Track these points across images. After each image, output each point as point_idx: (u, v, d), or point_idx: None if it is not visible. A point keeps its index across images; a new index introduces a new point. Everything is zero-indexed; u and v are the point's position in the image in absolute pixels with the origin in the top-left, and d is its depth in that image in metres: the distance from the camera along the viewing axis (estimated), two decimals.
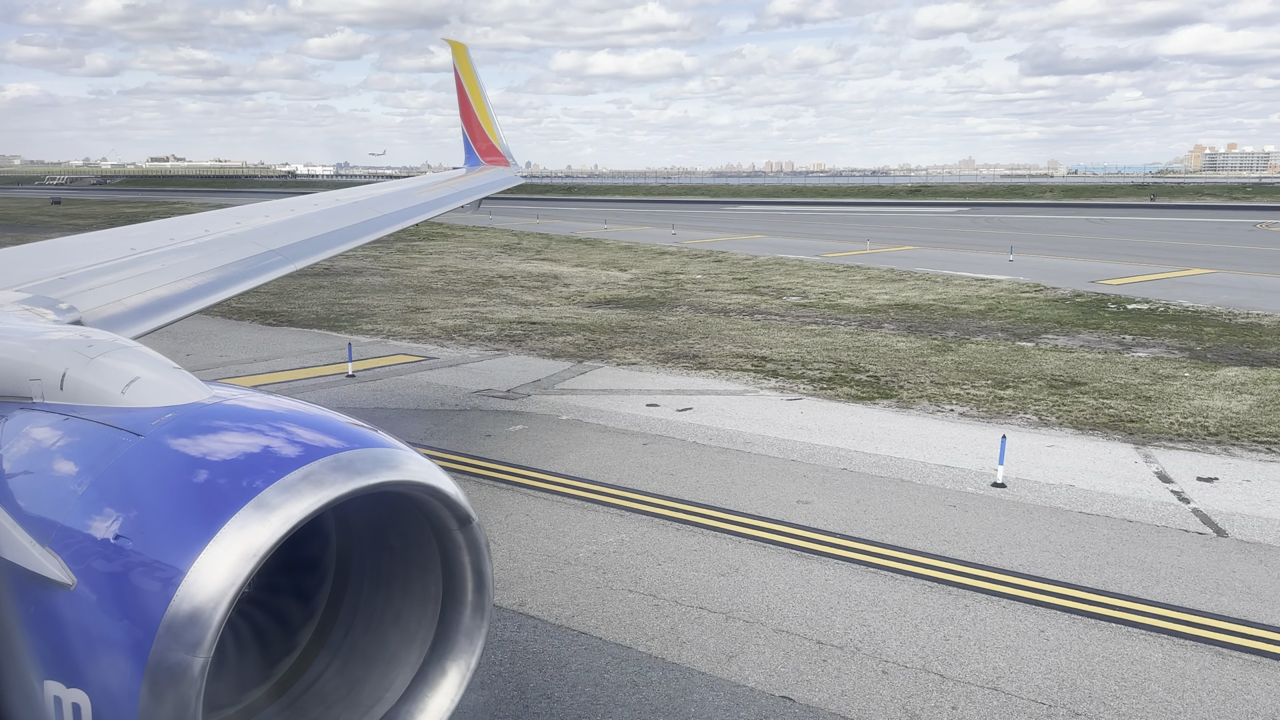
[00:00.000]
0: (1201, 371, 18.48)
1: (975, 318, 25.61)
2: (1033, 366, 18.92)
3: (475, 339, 21.80)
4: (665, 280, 34.29)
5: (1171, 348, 21.24)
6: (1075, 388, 17.16)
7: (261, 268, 6.98)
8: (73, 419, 2.83)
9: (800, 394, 16.77)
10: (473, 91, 18.55)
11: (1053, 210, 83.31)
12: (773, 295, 30.35)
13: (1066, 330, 23.60)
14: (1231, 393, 16.64)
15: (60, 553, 2.46)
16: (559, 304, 28.43)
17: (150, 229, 7.53)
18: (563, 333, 22.75)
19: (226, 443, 2.57)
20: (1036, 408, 15.74)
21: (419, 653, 2.95)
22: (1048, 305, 27.63)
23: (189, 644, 2.26)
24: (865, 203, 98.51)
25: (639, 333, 22.92)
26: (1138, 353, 20.65)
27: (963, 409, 15.74)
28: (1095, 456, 13.12)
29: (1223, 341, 21.94)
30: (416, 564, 2.91)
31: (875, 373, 18.46)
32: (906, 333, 23.15)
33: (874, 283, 33.14)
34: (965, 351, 20.63)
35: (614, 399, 16.20)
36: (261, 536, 2.31)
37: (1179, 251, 44.40)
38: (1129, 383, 17.51)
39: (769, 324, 24.44)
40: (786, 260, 40.80)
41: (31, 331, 3.53)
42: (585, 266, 39.04)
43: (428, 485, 2.62)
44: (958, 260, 40.10)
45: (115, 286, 5.40)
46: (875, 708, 6.86)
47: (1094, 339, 22.44)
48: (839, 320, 25.16)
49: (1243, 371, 18.46)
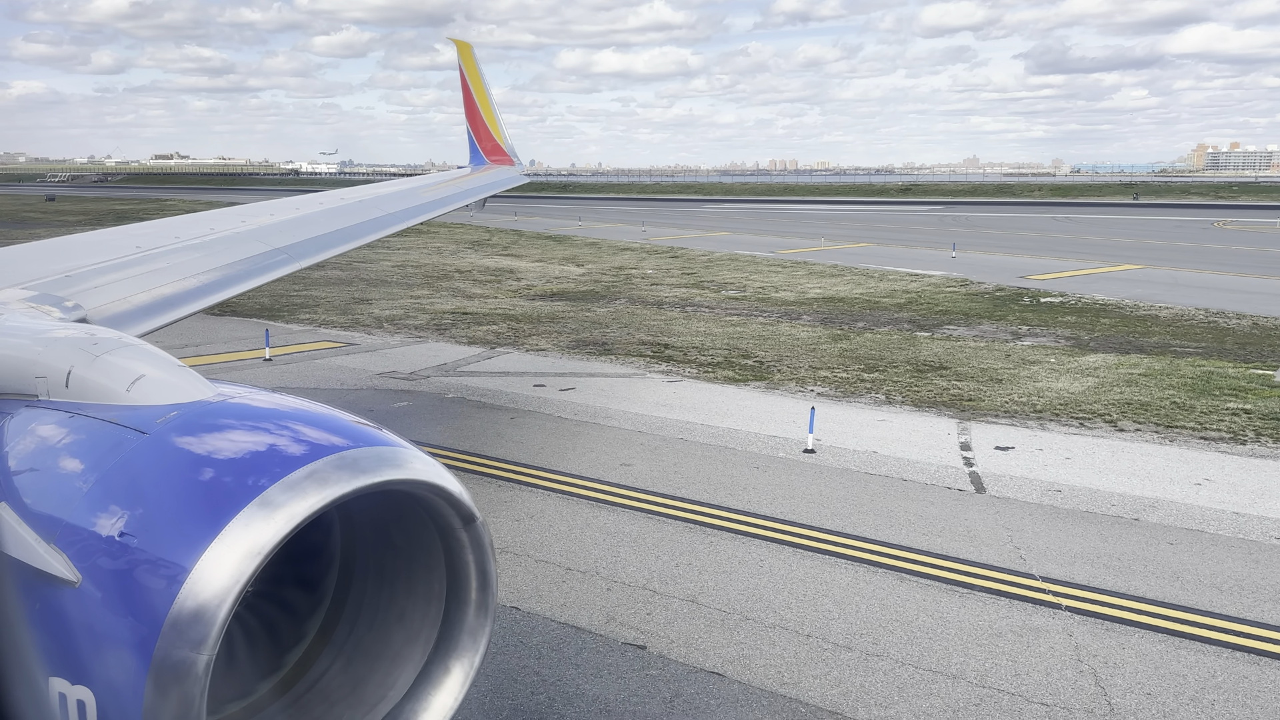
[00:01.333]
0: (1067, 358, 19.94)
1: (891, 310, 27.04)
2: (912, 354, 20.39)
3: (404, 328, 23.37)
4: (616, 275, 35.76)
5: (1059, 337, 22.67)
6: (938, 371, 18.64)
7: (266, 266, 7.03)
8: (78, 416, 2.85)
9: (683, 377, 18.29)
10: (478, 91, 18.82)
11: (1027, 209, 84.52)
12: (713, 289, 31.81)
13: (970, 322, 25.02)
14: (1080, 376, 18.10)
15: (65, 550, 2.48)
16: (503, 296, 29.96)
17: (155, 227, 7.51)
18: (490, 322, 24.31)
19: (231, 441, 2.58)
20: (890, 388, 17.23)
21: (423, 651, 2.96)
22: (965, 299, 29.04)
23: (193, 641, 2.27)
24: (850, 201, 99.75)
25: (563, 323, 24.47)
26: (1024, 342, 22.08)
27: (822, 389, 17.23)
28: (915, 429, 14.62)
29: (1112, 332, 23.36)
30: (421, 562, 2.92)
31: (762, 358, 19.95)
32: (820, 324, 24.59)
33: (813, 278, 34.59)
34: (859, 340, 22.09)
35: (506, 380, 17.77)
36: (266, 534, 2.32)
37: (1121, 248, 45.76)
38: (991, 367, 18.98)
39: (694, 316, 25.91)
40: (740, 256, 42.25)
41: (37, 329, 3.56)
42: (544, 262, 40.55)
43: (432, 484, 2.64)
44: (903, 256, 41.52)
45: (120, 284, 5.45)
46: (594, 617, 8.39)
47: (991, 329, 23.87)
48: (763, 312, 26.62)
49: (1105, 358, 19.91)
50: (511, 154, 19.11)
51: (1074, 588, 8.97)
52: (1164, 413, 15.37)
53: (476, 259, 41.37)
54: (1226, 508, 11.11)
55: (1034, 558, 9.66)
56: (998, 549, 9.89)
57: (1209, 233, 55.16)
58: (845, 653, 7.71)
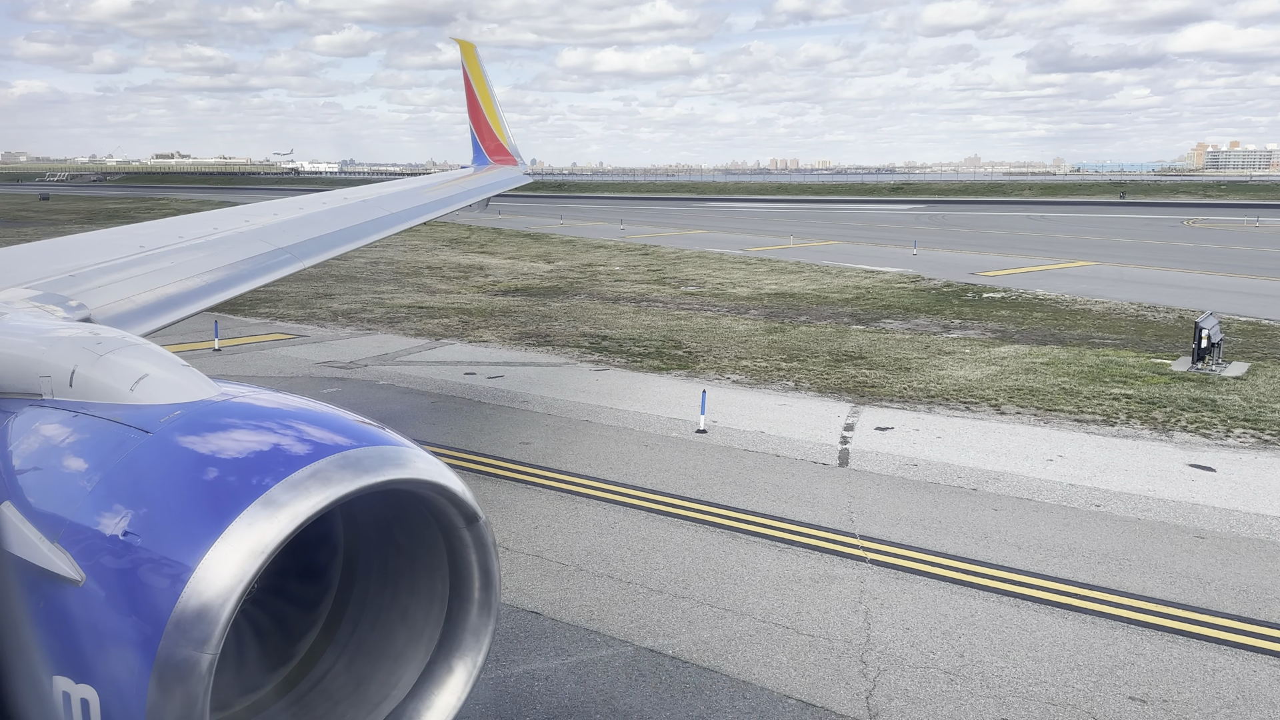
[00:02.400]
0: (982, 349, 20.93)
1: (837, 305, 28.04)
2: (837, 345, 21.39)
3: (357, 321, 24.43)
4: (582, 272, 36.79)
5: (986, 330, 23.66)
6: (854, 361, 19.64)
7: (270, 265, 7.05)
8: (82, 416, 2.86)
9: (611, 366, 19.31)
10: (481, 91, 18.89)
11: (1008, 208, 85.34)
12: (673, 285, 32.82)
13: (908, 316, 26.01)
14: (984, 365, 19.10)
15: (69, 549, 2.48)
16: (466, 292, 31.00)
17: (159, 227, 7.53)
18: (443, 316, 25.37)
19: (234, 440, 2.59)
20: (801, 376, 18.23)
21: (426, 650, 2.97)
22: (910, 294, 30.03)
23: (197, 640, 2.28)
24: (838, 200, 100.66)
25: (514, 316, 25.52)
26: (951, 334, 23.08)
27: (738, 377, 18.25)
28: (810, 412, 15.63)
29: (1040, 325, 24.34)
30: (424, 562, 2.93)
31: (693, 349, 20.97)
32: (764, 318, 25.59)
33: (773, 274, 35.61)
34: (793, 333, 23.11)
35: (440, 369, 18.81)
36: (269, 534, 2.33)
37: (1082, 245, 46.70)
38: (906, 357, 19.99)
39: (645, 310, 26.93)
40: (709, 254, 43.25)
41: (41, 328, 3.58)
42: (516, 259, 41.60)
43: (435, 483, 2.65)
44: (866, 254, 42.51)
45: (124, 284, 5.46)
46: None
47: (925, 323, 24.86)
48: (713, 307, 27.63)
49: (1018, 349, 20.90)
50: (514, 153, 19.31)
51: (887, 544, 10.00)
52: (1049, 397, 16.37)
53: (450, 256, 42.42)
54: (1064, 480, 12.12)
55: (862, 520, 10.69)
56: (832, 513, 10.92)
57: (1176, 231, 56.06)
58: (656, 596, 8.75)
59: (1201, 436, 14.11)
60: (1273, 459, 13.02)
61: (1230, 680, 7.34)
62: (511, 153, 19.13)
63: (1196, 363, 18.47)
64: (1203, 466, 12.70)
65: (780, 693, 7.11)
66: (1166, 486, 11.87)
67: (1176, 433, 14.32)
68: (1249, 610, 8.49)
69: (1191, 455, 13.20)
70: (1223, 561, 9.57)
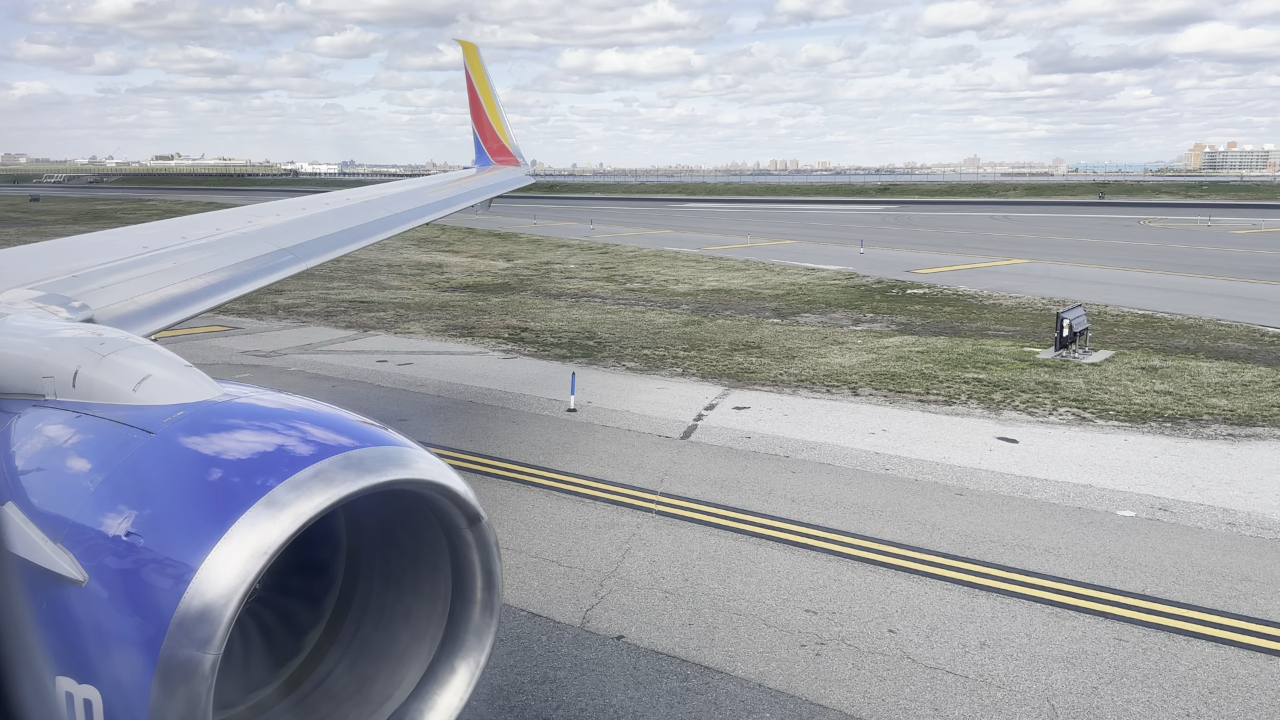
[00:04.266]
0: (873, 340, 22.32)
1: (766, 300, 29.42)
2: (743, 337, 22.78)
3: (295, 315, 25.88)
4: (537, 270, 38.22)
5: (892, 323, 25.04)
6: (748, 350, 21.04)
7: (273, 266, 7.08)
8: (85, 416, 2.87)
9: (520, 355, 20.74)
10: (483, 91, 19.10)
11: (978, 208, 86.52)
12: (619, 282, 34.22)
13: (826, 310, 27.38)
14: (864, 354, 20.48)
15: (72, 549, 2.49)
16: (416, 288, 32.44)
17: (162, 228, 7.57)
18: (380, 310, 26.82)
19: (237, 440, 2.61)
20: (692, 363, 19.63)
21: (428, 650, 2.98)
22: (838, 290, 31.40)
23: (200, 641, 2.30)
24: (818, 201, 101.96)
25: (450, 310, 26.95)
26: (857, 327, 24.46)
27: (634, 364, 19.67)
28: (682, 394, 17.04)
29: (944, 319, 25.70)
30: (426, 562, 2.95)
31: (604, 339, 22.39)
32: (692, 312, 26.97)
33: (718, 271, 37.00)
34: (708, 326, 24.50)
35: (356, 357, 20.27)
36: (272, 534, 2.35)
37: (1025, 244, 48.00)
38: (797, 347, 21.39)
39: (579, 305, 28.34)
40: (665, 252, 44.65)
41: (44, 329, 3.59)
42: (477, 258, 43.06)
43: (437, 484, 2.68)
44: (816, 252, 43.89)
45: (127, 285, 5.49)
46: None
47: (839, 316, 26.24)
48: (647, 302, 29.01)
49: (906, 339, 22.29)
50: (516, 154, 19.55)
51: (681, 499, 11.42)
52: (906, 381, 17.77)
53: (414, 255, 43.86)
54: (872, 450, 13.52)
55: (670, 481, 12.12)
56: (647, 475, 12.34)
57: (1129, 230, 57.33)
58: None
59: (1027, 414, 15.51)
60: (1076, 433, 14.41)
61: (895, 596, 8.75)
62: (514, 153, 19.46)
63: (1059, 351, 19.85)
64: (1008, 439, 14.11)
65: (519, 607, 8.54)
66: (962, 455, 13.27)
67: (1005, 411, 15.72)
68: (960, 549, 9.90)
69: (1005, 430, 14.61)
70: (962, 513, 10.99)
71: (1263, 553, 9.78)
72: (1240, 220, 64.19)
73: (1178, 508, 11.12)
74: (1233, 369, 18.57)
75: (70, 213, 74.76)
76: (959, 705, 6.95)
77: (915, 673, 7.40)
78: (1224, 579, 9.13)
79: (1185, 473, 12.43)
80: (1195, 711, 6.89)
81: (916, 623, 8.22)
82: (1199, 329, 23.61)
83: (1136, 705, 6.95)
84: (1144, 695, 7.08)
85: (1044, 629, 8.12)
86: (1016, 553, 9.80)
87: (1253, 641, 7.90)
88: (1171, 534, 10.31)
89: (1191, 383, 17.39)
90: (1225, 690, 7.16)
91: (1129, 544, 10.02)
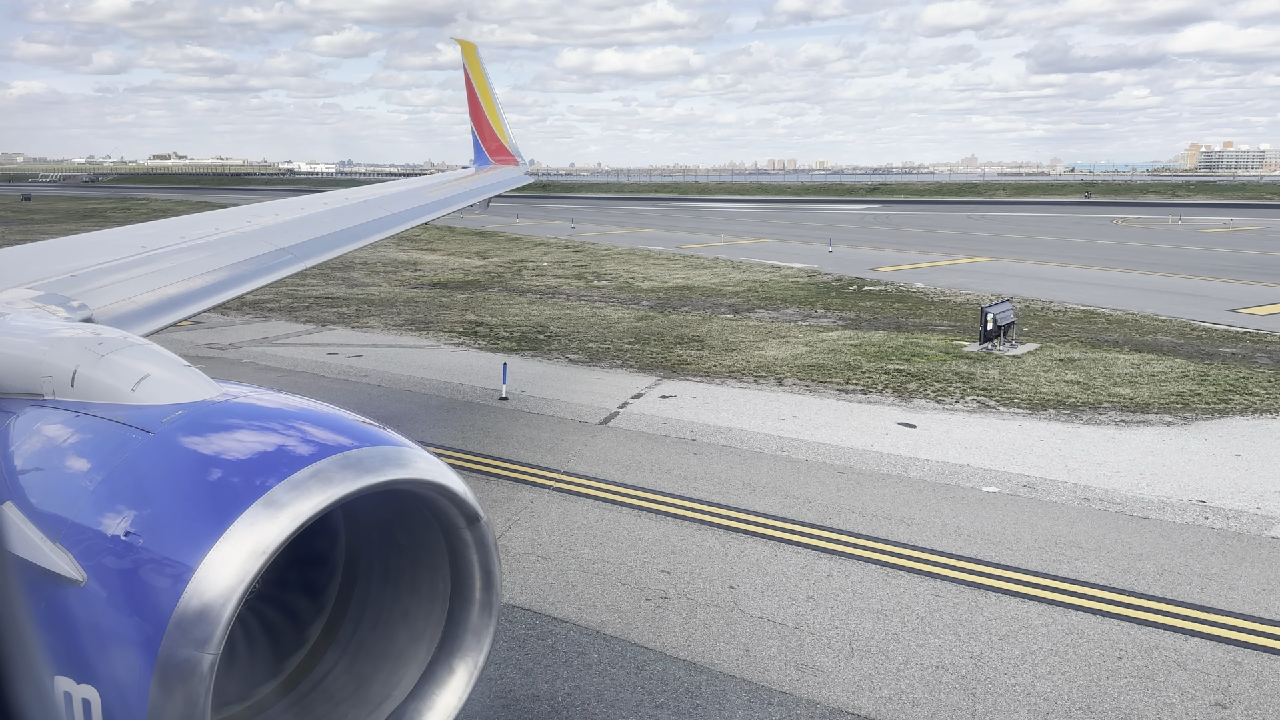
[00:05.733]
0: (814, 334, 23.11)
1: (726, 297, 30.19)
2: (690, 331, 23.58)
3: (260, 310, 26.68)
4: (510, 267, 39.01)
5: (839, 318, 25.81)
6: (690, 343, 21.83)
7: (271, 266, 7.11)
8: (83, 416, 2.88)
9: (469, 348, 21.55)
10: (482, 91, 19.13)
11: (959, 207, 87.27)
12: (587, 280, 35.01)
13: (780, 306, 28.15)
14: (799, 347, 21.28)
15: (71, 549, 2.51)
16: (386, 285, 33.25)
17: (161, 227, 7.59)
18: (343, 305, 27.63)
19: (236, 440, 2.63)
20: (633, 355, 20.41)
21: (427, 650, 3.00)
22: (797, 288, 32.18)
23: (198, 640, 2.31)
24: (804, 200, 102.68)
25: (411, 306, 27.76)
26: (806, 322, 25.23)
27: (577, 356, 20.47)
28: (616, 385, 17.84)
29: (890, 314, 26.46)
30: (425, 562, 2.96)
31: (555, 334, 23.18)
32: (650, 308, 27.74)
33: (685, 269, 37.79)
34: (661, 321, 25.30)
35: (309, 350, 21.09)
36: (271, 534, 2.37)
37: (992, 243, 48.73)
38: (738, 340, 22.19)
39: (541, 301, 29.13)
40: (639, 251, 45.42)
41: (43, 329, 3.61)
42: (453, 256, 43.84)
43: (436, 483, 2.71)
44: (787, 250, 44.68)
45: (126, 284, 5.50)
46: None
47: (791, 312, 27.02)
48: (609, 299, 29.77)
49: (844, 334, 23.07)
50: (515, 154, 19.65)
51: (581, 477, 12.24)
52: (830, 372, 18.57)
53: (389, 252, 44.63)
54: (776, 434, 14.33)
55: (578, 462, 12.93)
56: (557, 457, 13.16)
57: (1100, 229, 58.09)
58: None
59: (935, 402, 16.32)
60: (975, 419, 15.23)
61: (745, 558, 9.57)
62: (513, 153, 19.62)
63: (984, 344, 20.67)
64: (907, 424, 14.93)
65: None
66: (859, 438, 14.09)
67: (916, 399, 16.54)
68: (822, 519, 10.73)
69: (908, 416, 15.43)
70: (838, 489, 11.81)
71: (1103, 524, 10.60)
72: (1212, 220, 64.97)
73: (1042, 485, 11.94)
74: (1148, 361, 19.38)
75: (60, 211, 75.62)
76: (767, 647, 7.78)
77: (740, 621, 8.23)
78: (1056, 546, 9.95)
79: (1063, 454, 13.24)
80: (980, 655, 7.71)
81: (756, 580, 9.05)
82: (1134, 323, 24.43)
83: (929, 649, 7.77)
84: (939, 640, 7.91)
85: (870, 586, 8.95)
86: (873, 522, 10.62)
87: (1056, 598, 8.73)
88: (1025, 508, 11.14)
89: (1103, 374, 18.20)
90: (1015, 637, 7.99)
91: (980, 516, 10.85)
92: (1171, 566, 9.43)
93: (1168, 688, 7.19)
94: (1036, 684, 7.24)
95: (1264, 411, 15.56)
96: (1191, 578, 9.18)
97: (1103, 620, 8.27)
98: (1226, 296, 28.83)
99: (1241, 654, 7.71)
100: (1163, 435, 14.29)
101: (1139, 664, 7.53)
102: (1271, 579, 9.14)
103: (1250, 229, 57.35)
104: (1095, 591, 8.84)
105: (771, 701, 6.98)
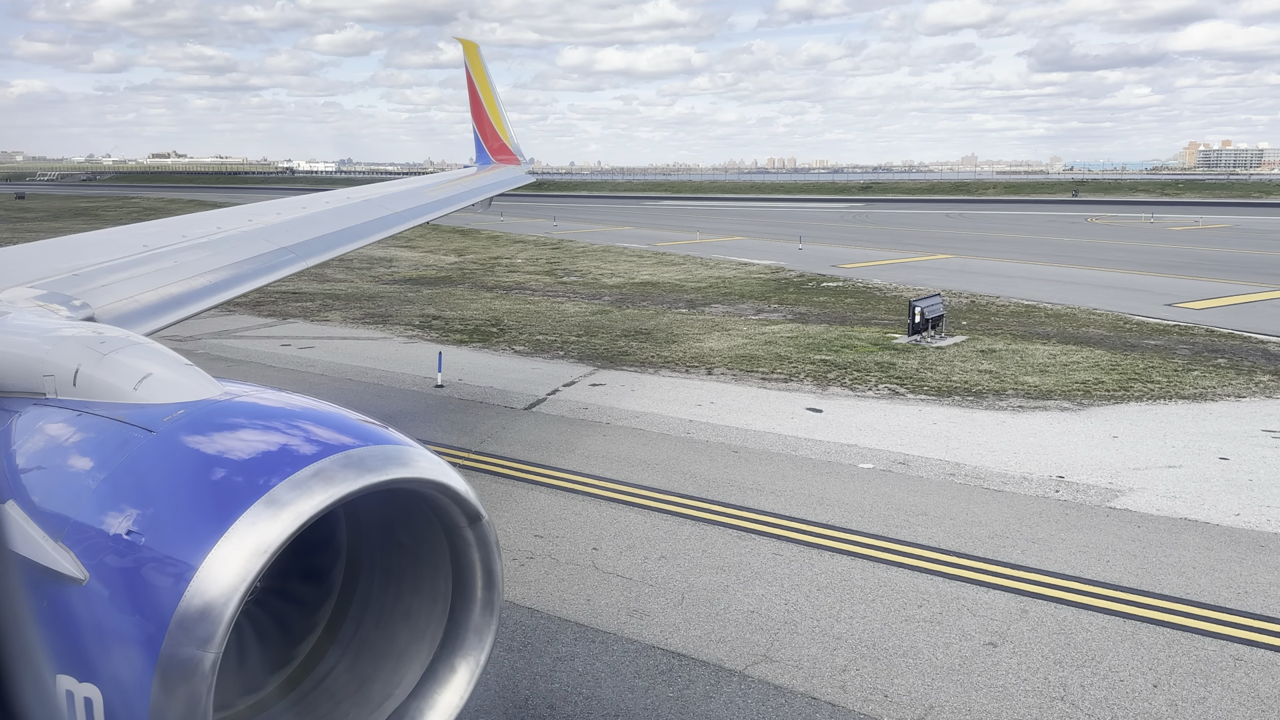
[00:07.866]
0: (756, 328, 23.99)
1: (687, 292, 31.06)
2: (641, 325, 24.48)
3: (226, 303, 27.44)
4: (483, 264, 39.91)
5: (789, 313, 26.67)
6: (639, 336, 22.72)
7: (273, 265, 7.15)
8: (85, 415, 2.90)
9: (423, 340, 22.45)
10: (484, 90, 19.21)
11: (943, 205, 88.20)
12: (557, 276, 35.90)
13: (736, 301, 29.02)
14: (738, 339, 22.17)
15: (73, 548, 2.51)
16: (358, 281, 34.16)
17: (162, 226, 7.60)
18: (307, 300, 28.54)
19: (238, 439, 2.63)
20: (576, 347, 21.34)
21: (428, 649, 3.02)
22: (759, 284, 33.03)
23: (200, 639, 2.31)
24: (794, 199, 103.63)
25: (375, 301, 28.68)
26: (756, 316, 26.09)
27: (522, 348, 21.38)
28: (550, 373, 18.76)
29: (838, 309, 27.29)
30: (426, 561, 2.99)
31: (508, 327, 24.10)
32: (611, 303, 28.62)
33: (655, 266, 38.68)
34: (616, 316, 26.18)
35: (264, 342, 22.01)
36: (273, 533, 2.38)
37: (959, 240, 49.64)
38: (684, 334, 23.08)
39: (505, 297, 30.02)
40: (614, 248, 46.32)
41: (45, 328, 3.62)
42: (430, 253, 44.73)
43: (438, 483, 2.72)
44: (758, 248, 45.57)
45: (128, 283, 5.52)
46: None
47: (746, 307, 27.89)
48: (573, 295, 30.65)
49: (785, 327, 23.97)
50: (517, 153, 19.76)
51: (489, 456, 13.16)
52: (759, 362, 19.47)
53: (368, 249, 45.52)
54: (687, 418, 15.23)
55: (490, 442, 13.85)
56: (472, 438, 14.08)
57: (1073, 227, 58.99)
58: None
59: (849, 390, 17.22)
60: (881, 405, 16.12)
61: (615, 524, 10.47)
62: (514, 152, 19.72)
63: (913, 336, 21.56)
64: (815, 409, 15.83)
65: None
66: (764, 422, 14.99)
67: (832, 387, 17.43)
68: (702, 492, 11.65)
69: (817, 402, 16.33)
70: (727, 466, 12.72)
71: (957, 497, 11.51)
72: (1186, 218, 65.81)
73: (916, 462, 12.84)
74: (1066, 351, 20.27)
75: (53, 210, 76.64)
76: (607, 597, 8.70)
77: (592, 576, 9.15)
78: (904, 514, 10.86)
79: (948, 436, 14.14)
80: (795, 602, 8.64)
81: (619, 543, 9.97)
82: (1070, 317, 25.31)
83: (751, 598, 8.69)
84: (762, 591, 8.82)
85: (719, 547, 9.87)
86: (746, 494, 11.54)
87: (885, 556, 9.65)
88: (890, 481, 12.04)
89: (1018, 363, 19.10)
90: (832, 588, 8.92)
91: (846, 488, 11.76)
92: (1004, 532, 10.34)
93: (951, 630, 8.10)
94: (836, 626, 8.15)
95: (1158, 398, 16.46)
96: (1019, 541, 10.09)
97: (917, 575, 9.19)
98: (1168, 291, 29.72)
99: (1031, 603, 8.62)
100: (1053, 419, 15.18)
101: (934, 611, 8.44)
102: (1091, 542, 10.04)
103: (1220, 227, 58.23)
104: (923, 552, 9.76)
105: (594, 640, 7.90)
